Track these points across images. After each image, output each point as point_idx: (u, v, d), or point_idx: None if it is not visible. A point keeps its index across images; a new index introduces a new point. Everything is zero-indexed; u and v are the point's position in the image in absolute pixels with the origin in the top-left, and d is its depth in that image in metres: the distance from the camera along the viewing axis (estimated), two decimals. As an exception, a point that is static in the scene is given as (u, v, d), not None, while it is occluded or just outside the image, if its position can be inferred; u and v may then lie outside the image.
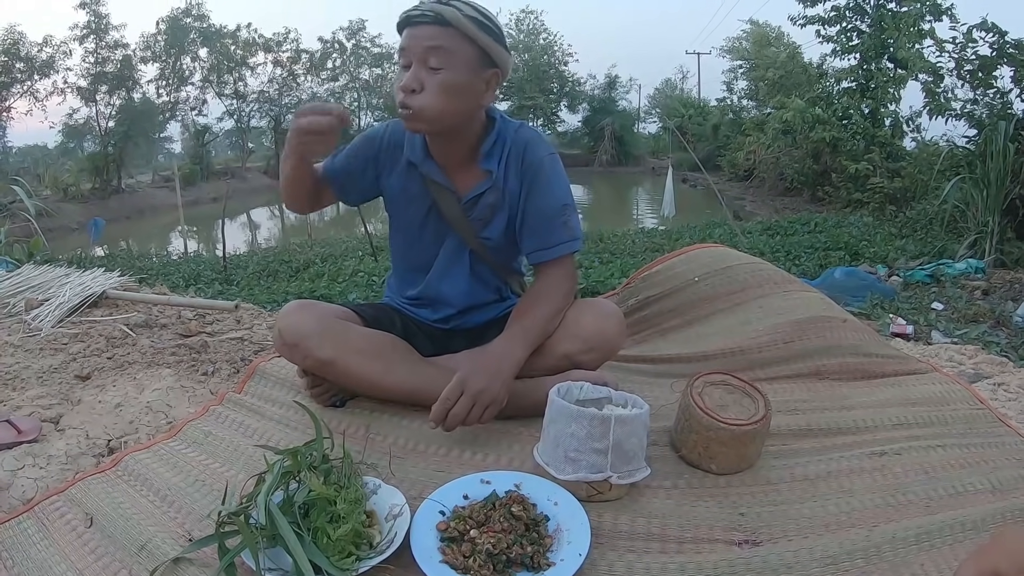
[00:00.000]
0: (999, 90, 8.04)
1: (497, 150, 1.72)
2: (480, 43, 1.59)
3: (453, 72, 1.57)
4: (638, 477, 1.34)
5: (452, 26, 1.55)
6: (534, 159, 1.71)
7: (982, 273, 5.85)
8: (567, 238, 1.73)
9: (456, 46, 1.56)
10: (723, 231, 9.17)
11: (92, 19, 22.07)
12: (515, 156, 1.72)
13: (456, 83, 1.58)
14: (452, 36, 1.55)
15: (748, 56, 26.13)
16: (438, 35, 1.55)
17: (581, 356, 1.71)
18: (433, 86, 1.57)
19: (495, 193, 1.74)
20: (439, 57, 1.55)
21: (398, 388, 1.72)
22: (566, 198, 1.74)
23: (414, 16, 1.57)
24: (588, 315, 1.75)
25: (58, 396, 2.07)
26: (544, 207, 1.72)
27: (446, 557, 1.12)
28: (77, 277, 3.43)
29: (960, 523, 1.27)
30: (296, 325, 1.68)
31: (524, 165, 1.72)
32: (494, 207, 1.75)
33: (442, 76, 1.56)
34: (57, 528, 1.33)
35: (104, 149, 22.29)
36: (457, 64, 1.57)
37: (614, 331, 1.76)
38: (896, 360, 2.07)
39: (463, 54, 1.58)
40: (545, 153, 1.73)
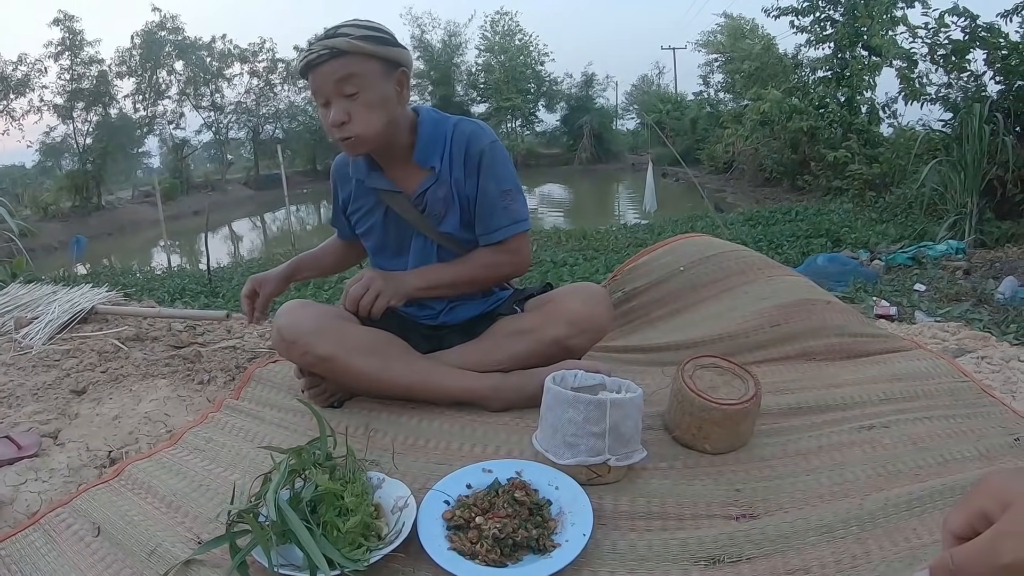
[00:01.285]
0: (972, 73, 8.15)
1: (437, 146, 1.81)
2: (379, 55, 1.68)
3: (368, 91, 1.67)
4: (635, 459, 1.37)
5: (349, 53, 1.64)
6: (476, 149, 1.79)
7: (963, 253, 5.92)
8: (508, 222, 1.81)
9: (361, 68, 1.66)
10: (705, 223, 9.22)
11: (66, 35, 21.88)
12: (458, 149, 1.80)
13: (375, 99, 1.69)
14: (353, 61, 1.65)
15: (723, 49, 26.22)
16: (341, 66, 1.64)
17: (571, 340, 1.78)
18: (358, 110, 1.68)
19: (443, 187, 1.81)
20: (351, 83, 1.66)
21: (396, 383, 1.75)
22: (507, 183, 1.82)
23: (313, 60, 1.66)
24: (576, 300, 1.82)
25: (55, 411, 2.07)
26: (487, 192, 1.80)
27: (454, 544, 1.15)
28: (65, 294, 3.42)
29: (949, 488, 1.30)
30: (295, 322, 1.73)
31: (467, 156, 1.79)
32: (445, 201, 1.82)
33: (361, 98, 1.67)
34: (64, 539, 1.32)
35: (83, 166, 22.10)
36: (368, 83, 1.67)
37: (602, 313, 1.84)
38: (881, 339, 2.11)
39: (369, 72, 1.67)
40: (487, 141, 1.81)
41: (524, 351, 1.79)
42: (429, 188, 1.81)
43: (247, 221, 23.10)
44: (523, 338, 1.80)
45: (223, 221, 21.17)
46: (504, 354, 1.80)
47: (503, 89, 33.61)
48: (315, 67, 1.66)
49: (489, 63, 34.61)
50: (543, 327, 1.78)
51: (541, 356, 1.78)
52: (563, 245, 8.60)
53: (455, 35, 34.42)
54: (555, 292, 1.91)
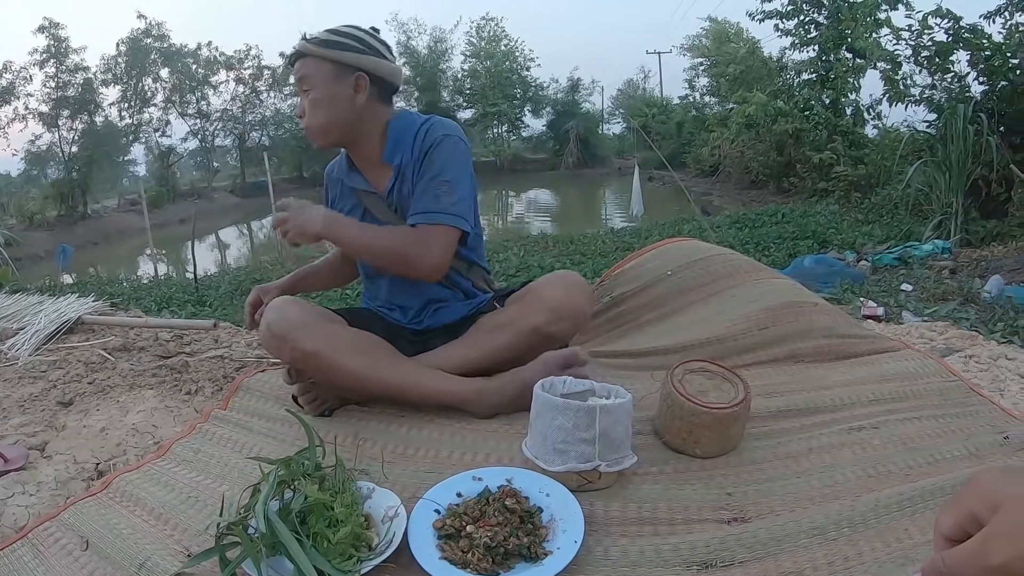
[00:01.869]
0: (956, 74, 8.21)
1: (404, 145, 1.87)
2: (330, 59, 1.83)
3: (317, 90, 1.84)
4: (626, 464, 1.37)
5: (305, 55, 1.85)
6: (430, 139, 1.84)
7: (949, 253, 5.96)
8: (432, 208, 1.79)
9: (312, 69, 1.84)
10: (692, 227, 9.24)
11: (52, 43, 21.76)
12: (419, 144, 1.85)
13: (322, 97, 1.84)
14: (309, 63, 1.85)
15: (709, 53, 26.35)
16: (300, 67, 1.86)
17: (551, 327, 1.81)
18: (308, 105, 1.86)
19: (406, 184, 1.87)
20: (306, 82, 1.85)
21: (383, 383, 1.76)
22: (448, 175, 1.81)
23: (289, 59, 1.96)
24: (553, 287, 1.85)
25: (42, 423, 2.05)
26: (423, 177, 1.83)
27: (445, 553, 1.14)
28: (51, 304, 3.40)
29: (940, 488, 1.30)
30: (283, 318, 1.73)
31: (422, 147, 1.84)
32: (409, 197, 1.86)
33: (312, 95, 1.85)
34: (53, 553, 1.31)
35: (68, 175, 21.95)
36: (319, 82, 1.84)
37: (580, 299, 1.87)
38: (868, 340, 2.12)
39: (321, 73, 1.83)
40: (442, 133, 1.84)
41: (505, 344, 1.81)
42: (394, 185, 1.89)
43: (234, 229, 23.04)
44: (503, 331, 1.82)
45: (210, 229, 21.09)
46: (485, 349, 1.82)
47: (489, 94, 33.64)
48: (290, 64, 1.91)
49: (475, 69, 34.64)
50: (522, 318, 1.82)
51: (522, 348, 1.80)
52: (550, 250, 8.60)
53: (441, 41, 34.44)
54: (533, 283, 1.93)
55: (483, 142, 36.23)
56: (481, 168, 32.25)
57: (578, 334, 2.27)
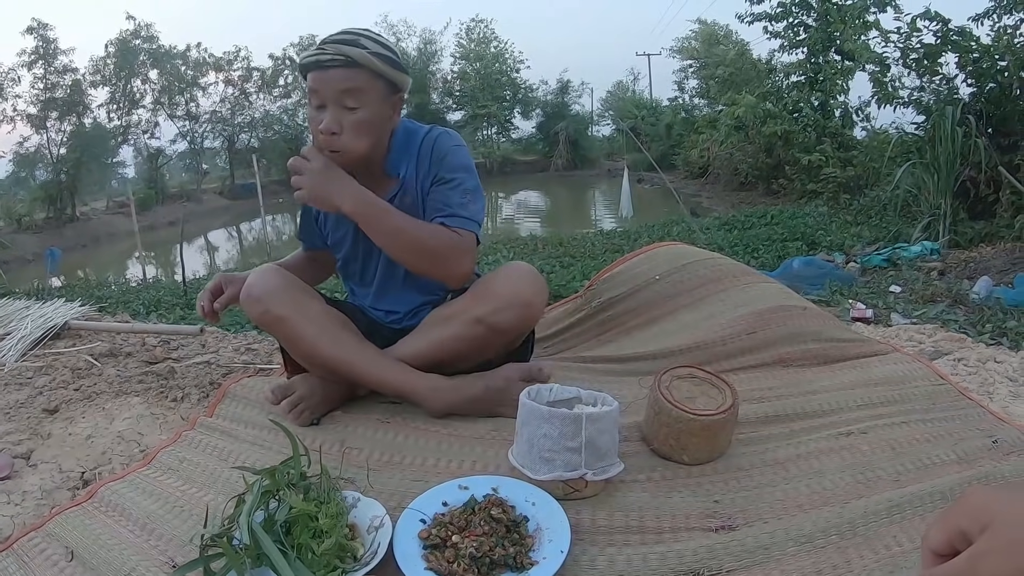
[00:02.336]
0: (944, 76, 8.24)
1: (407, 156, 1.81)
2: (387, 77, 1.69)
3: (368, 109, 1.67)
4: (612, 473, 1.36)
5: (361, 67, 1.64)
6: (440, 151, 1.79)
7: (937, 254, 5.98)
8: (465, 214, 1.75)
9: (368, 85, 1.66)
10: (681, 229, 9.26)
11: (40, 44, 21.67)
12: (425, 155, 1.80)
13: (372, 119, 1.69)
14: (363, 76, 1.65)
15: (698, 55, 26.52)
16: (350, 77, 1.64)
17: (495, 317, 1.74)
18: (352, 126, 1.67)
19: (409, 195, 1.81)
20: (354, 97, 1.65)
21: (341, 361, 1.76)
22: (469, 184, 1.79)
23: (324, 61, 1.65)
24: (500, 278, 1.80)
25: (27, 431, 2.03)
26: (447, 183, 1.78)
27: (430, 564, 1.13)
28: (37, 309, 3.37)
29: (929, 494, 1.31)
30: (263, 281, 1.77)
31: (432, 159, 1.79)
32: (412, 209, 1.80)
33: (359, 115, 1.67)
34: (38, 564, 1.30)
35: (57, 177, 21.85)
36: (371, 101, 1.67)
37: (527, 289, 1.79)
38: (857, 343, 2.12)
39: (374, 91, 1.68)
40: (452, 144, 1.81)
41: (450, 335, 1.78)
42: (396, 196, 1.81)
43: (223, 231, 22.99)
44: (450, 322, 1.79)
45: (199, 232, 21.04)
46: (433, 340, 1.80)
47: (479, 96, 33.67)
48: (323, 68, 1.65)
49: (464, 70, 34.64)
50: (467, 308, 1.77)
51: (468, 338, 1.77)
52: (540, 252, 8.59)
53: (430, 43, 34.45)
54: (482, 276, 1.90)
55: (473, 144, 36.16)
56: (470, 170, 32.28)
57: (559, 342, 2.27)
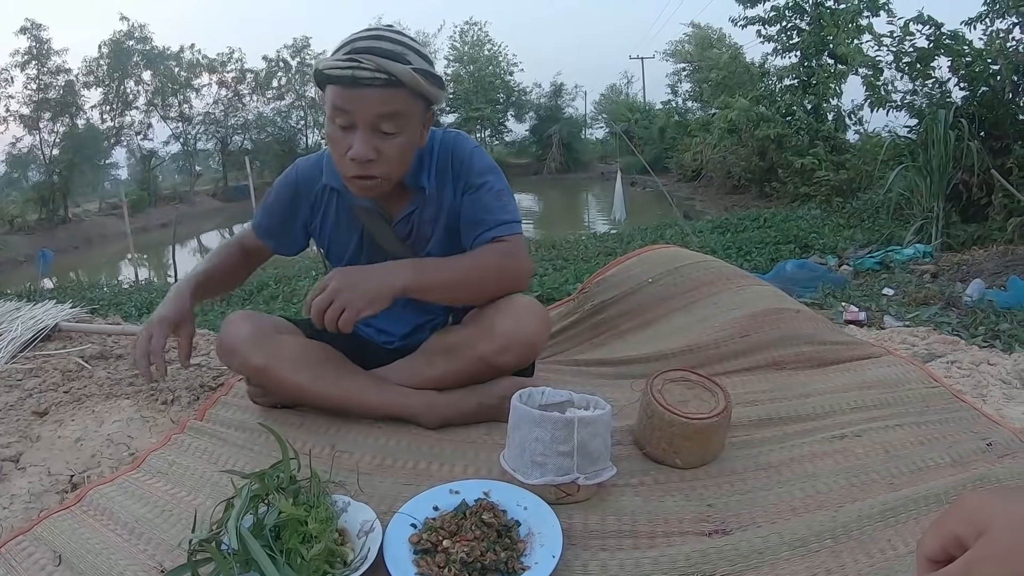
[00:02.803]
0: (937, 80, 8.30)
1: (424, 164, 1.68)
2: (428, 95, 1.53)
3: (408, 133, 1.52)
4: (605, 477, 1.35)
5: (405, 86, 1.46)
6: (463, 156, 1.70)
7: (930, 257, 6.01)
8: (508, 219, 1.67)
9: (410, 108, 1.50)
10: (674, 231, 9.28)
11: (33, 44, 21.64)
12: (444, 161, 1.70)
13: (410, 143, 1.55)
14: (404, 97, 1.47)
15: (691, 58, 26.61)
16: (391, 99, 1.46)
17: (497, 358, 1.66)
18: (392, 153, 1.51)
19: (431, 207, 1.71)
20: (393, 122, 1.48)
21: (325, 396, 1.73)
22: (500, 185, 1.71)
23: (362, 78, 1.43)
24: (506, 317, 1.66)
25: (16, 434, 2.02)
26: (482, 191, 1.68)
27: (421, 569, 1.12)
28: (28, 311, 3.35)
29: (923, 497, 1.30)
30: (232, 334, 1.74)
31: (454, 165, 1.69)
32: (432, 222, 1.73)
33: (398, 141, 1.51)
34: (25, 568, 1.28)
35: (49, 178, 21.80)
36: (411, 125, 1.52)
37: (532, 328, 1.68)
38: (850, 346, 2.12)
39: (415, 113, 1.52)
40: (471, 146, 1.73)
41: (453, 369, 1.70)
42: (416, 210, 1.71)
43: (216, 233, 22.90)
44: (452, 356, 1.70)
45: (191, 233, 20.98)
46: (436, 372, 1.73)
47: (472, 99, 33.74)
48: (358, 86, 1.44)
49: (458, 73, 34.70)
50: (469, 343, 1.68)
51: (471, 374, 1.71)
52: (533, 255, 8.60)
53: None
54: (487, 306, 1.72)
55: (466, 147, 36.29)
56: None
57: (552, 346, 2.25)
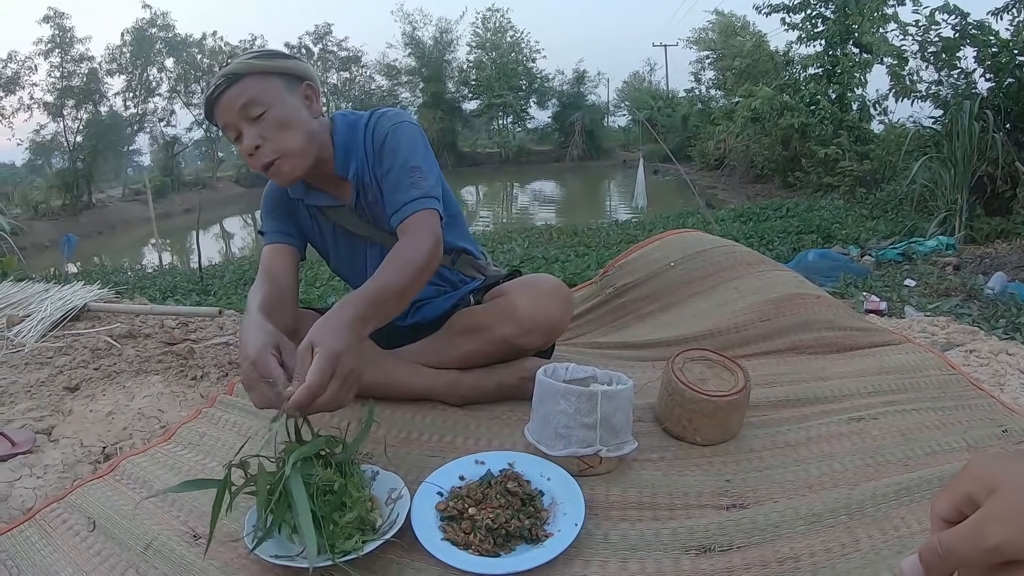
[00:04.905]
0: (963, 70, 8.20)
1: (353, 151, 1.71)
2: (276, 70, 1.59)
3: (275, 108, 1.57)
4: (626, 450, 1.38)
5: (247, 75, 1.55)
6: (378, 136, 1.68)
7: (953, 249, 5.96)
8: (416, 195, 1.60)
9: (262, 88, 1.56)
10: (696, 220, 9.26)
11: (57, 33, 21.80)
12: (369, 145, 1.70)
13: (284, 115, 1.58)
14: (252, 83, 1.56)
15: (715, 46, 26.34)
16: (241, 91, 1.55)
17: (520, 340, 1.70)
18: (270, 132, 1.57)
19: (371, 191, 1.72)
20: (255, 105, 1.55)
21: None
22: (413, 160, 1.65)
23: (212, 94, 1.57)
24: (528, 297, 1.70)
25: (48, 408, 2.07)
26: (391, 169, 1.65)
27: (447, 535, 1.16)
28: (57, 292, 3.42)
29: (938, 478, 1.32)
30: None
31: (375, 146, 1.69)
32: (378, 203, 1.73)
33: (269, 116, 1.56)
34: (60, 534, 1.32)
35: (73, 164, 22.00)
36: (273, 99, 1.57)
37: (554, 310, 1.71)
38: (870, 332, 2.13)
39: (272, 90, 1.58)
40: (388, 125, 1.68)
41: (474, 351, 1.74)
42: (358, 195, 1.74)
43: (238, 219, 23.06)
44: (474, 337, 1.73)
45: (214, 219, 21.11)
46: (457, 353, 1.76)
47: (494, 86, 33.61)
48: (217, 100, 1.57)
49: (480, 60, 34.58)
50: (492, 325, 1.70)
51: (492, 355, 1.74)
52: (554, 241, 8.62)
53: (446, 32, 34.35)
54: (508, 284, 1.79)
55: (488, 133, 36.26)
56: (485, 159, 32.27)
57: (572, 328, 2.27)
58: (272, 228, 1.82)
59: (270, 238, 1.81)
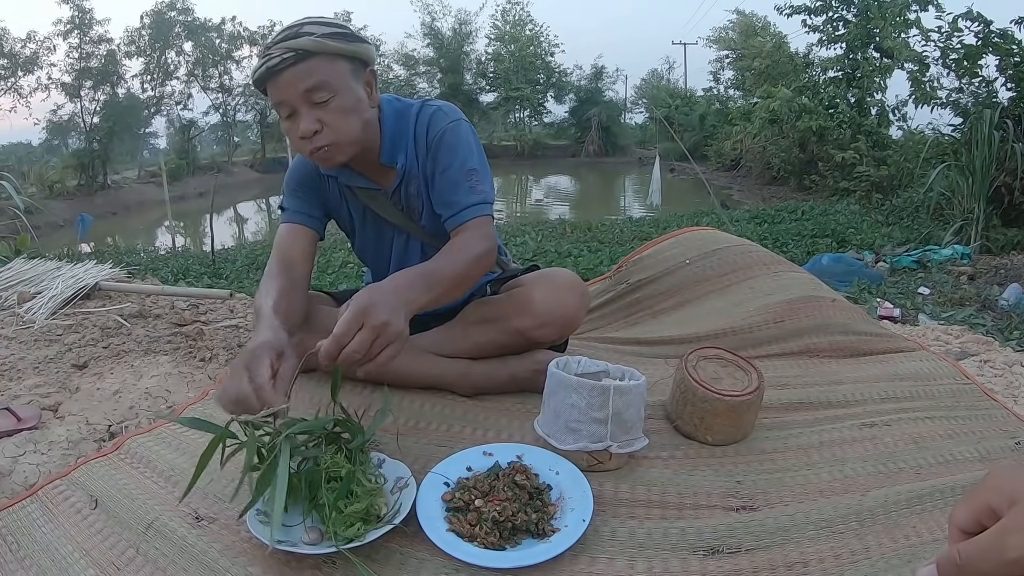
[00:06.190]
0: (984, 79, 8.15)
1: (402, 142, 1.69)
2: (347, 54, 1.53)
3: (340, 96, 1.52)
4: (637, 447, 1.37)
5: (317, 54, 1.48)
6: (435, 133, 1.67)
7: (968, 259, 5.93)
8: (476, 201, 1.62)
9: (330, 71, 1.50)
10: (711, 220, 9.23)
11: (76, 14, 21.82)
12: (420, 137, 1.68)
13: (348, 103, 1.54)
14: (321, 64, 1.49)
15: (734, 46, 26.19)
16: (308, 70, 1.48)
17: (535, 332, 1.68)
18: (332, 118, 1.52)
19: (414, 182, 1.71)
20: (322, 90, 1.49)
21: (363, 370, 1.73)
22: (471, 163, 1.65)
23: (275, 65, 1.47)
24: (542, 289, 1.68)
25: (56, 385, 2.07)
26: (449, 170, 1.65)
27: (453, 526, 1.15)
28: (69, 270, 3.43)
29: (950, 488, 1.30)
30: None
31: (428, 141, 1.68)
32: (419, 195, 1.73)
33: (334, 104, 1.51)
34: (62, 511, 1.32)
35: (89, 145, 22.04)
36: (340, 86, 1.52)
37: (571, 304, 1.70)
38: (884, 338, 2.11)
39: (339, 75, 1.52)
40: (446, 123, 1.67)
41: (488, 341, 1.72)
42: (400, 184, 1.72)
43: (252, 204, 23.10)
44: (488, 327, 1.72)
45: (228, 203, 21.14)
46: (470, 342, 1.75)
47: (512, 79, 33.49)
48: (278, 74, 1.48)
49: (499, 52, 34.46)
50: (507, 316, 1.69)
51: (506, 346, 1.72)
52: (568, 236, 8.61)
53: (466, 23, 34.27)
54: (526, 276, 1.77)
55: (504, 126, 36.18)
56: (501, 152, 32.20)
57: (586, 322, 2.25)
58: (294, 207, 1.77)
59: (290, 216, 1.77)
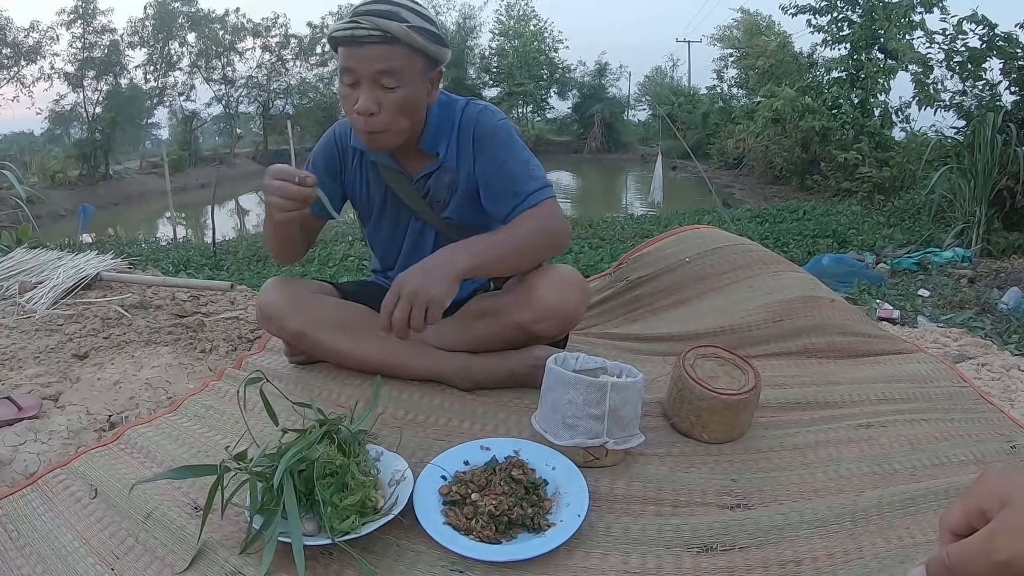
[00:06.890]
0: (988, 82, 8.15)
1: (444, 133, 1.72)
2: (429, 52, 1.57)
3: (408, 88, 1.56)
4: (633, 443, 1.38)
5: (402, 43, 1.51)
6: (485, 130, 1.71)
7: (969, 262, 5.93)
8: (539, 186, 1.67)
9: (408, 63, 1.54)
10: (712, 218, 9.21)
11: (79, 3, 21.80)
12: (466, 133, 1.72)
13: (412, 98, 1.58)
14: (402, 53, 1.52)
15: (739, 45, 26.13)
16: (389, 55, 1.51)
17: (535, 326, 1.69)
18: (391, 106, 1.56)
19: (447, 174, 1.75)
20: (392, 77, 1.53)
21: (362, 360, 1.77)
22: (525, 154, 1.71)
23: (360, 36, 1.51)
24: (544, 284, 1.68)
25: (56, 374, 2.07)
26: (508, 163, 1.69)
27: (449, 519, 1.16)
28: (70, 260, 3.42)
29: (944, 490, 1.31)
30: (272, 300, 1.77)
31: (476, 138, 1.71)
32: (450, 187, 1.76)
33: (399, 94, 1.55)
34: (62, 500, 1.33)
35: (91, 135, 22.02)
36: (411, 80, 1.56)
37: (572, 300, 1.70)
38: (882, 340, 2.12)
39: (414, 69, 1.56)
40: (496, 120, 1.73)
41: (488, 334, 1.74)
42: (433, 173, 1.75)
43: (254, 195, 23.01)
44: (489, 320, 1.74)
45: (230, 195, 21.09)
46: (470, 335, 1.77)
47: (516, 74, 33.47)
48: (358, 44, 1.51)
49: (503, 47, 34.44)
50: (508, 310, 1.70)
51: (506, 340, 1.74)
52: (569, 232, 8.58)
53: (470, 18, 34.28)
54: (529, 273, 1.74)
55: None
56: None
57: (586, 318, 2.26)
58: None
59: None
